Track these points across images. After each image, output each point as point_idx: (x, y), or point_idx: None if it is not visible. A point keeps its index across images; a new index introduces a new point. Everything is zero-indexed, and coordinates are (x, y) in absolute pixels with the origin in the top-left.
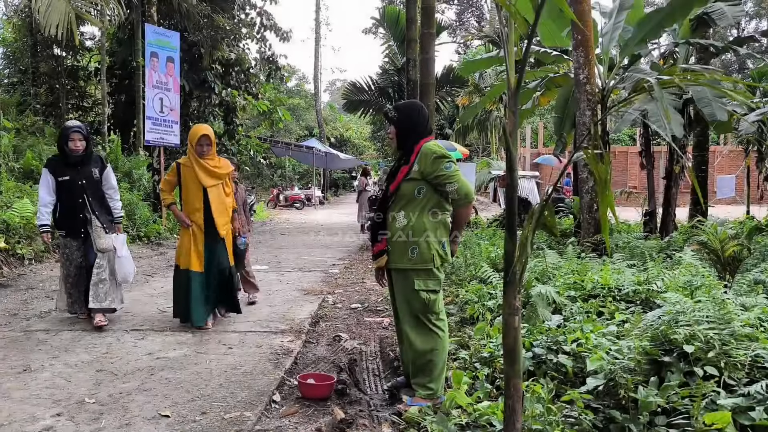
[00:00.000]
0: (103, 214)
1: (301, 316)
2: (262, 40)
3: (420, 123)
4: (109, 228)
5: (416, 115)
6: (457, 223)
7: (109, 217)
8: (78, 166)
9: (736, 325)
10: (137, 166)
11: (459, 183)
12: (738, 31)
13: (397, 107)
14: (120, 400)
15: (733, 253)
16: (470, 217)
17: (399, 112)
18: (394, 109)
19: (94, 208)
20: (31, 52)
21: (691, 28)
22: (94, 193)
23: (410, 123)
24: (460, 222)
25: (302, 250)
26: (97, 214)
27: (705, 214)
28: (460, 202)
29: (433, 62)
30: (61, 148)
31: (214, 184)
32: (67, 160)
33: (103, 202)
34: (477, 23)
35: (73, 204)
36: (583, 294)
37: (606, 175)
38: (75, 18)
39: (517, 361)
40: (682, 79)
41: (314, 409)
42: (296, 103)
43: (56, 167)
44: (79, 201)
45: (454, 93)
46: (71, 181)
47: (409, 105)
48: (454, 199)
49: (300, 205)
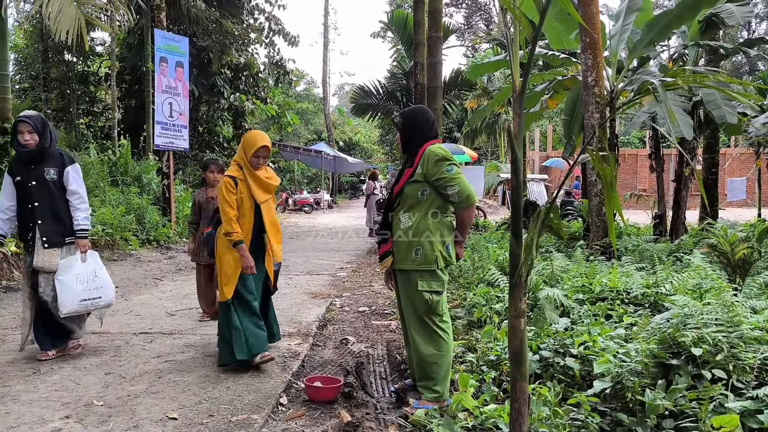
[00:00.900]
0: (50, 223)
1: (309, 320)
2: (270, 45)
3: (424, 126)
4: (52, 242)
5: (420, 120)
6: (460, 225)
7: (57, 228)
8: (30, 164)
9: (745, 328)
10: (147, 170)
11: (459, 186)
12: (748, 33)
13: (402, 114)
14: (128, 402)
15: (744, 256)
16: (474, 220)
17: (404, 118)
18: (400, 115)
19: (38, 216)
20: (42, 58)
21: (700, 29)
22: (44, 198)
23: (414, 127)
24: (464, 225)
25: (310, 253)
26: (40, 223)
27: (715, 217)
28: (461, 205)
29: (441, 65)
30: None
31: (266, 199)
32: (19, 157)
33: (54, 208)
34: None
35: (22, 210)
36: (591, 297)
37: (611, 177)
38: (85, 24)
39: (523, 363)
40: (685, 80)
41: (321, 412)
42: (305, 107)
43: (14, 166)
44: (27, 206)
45: (463, 96)
46: (22, 182)
47: (413, 110)
48: (455, 201)
49: (309, 209)
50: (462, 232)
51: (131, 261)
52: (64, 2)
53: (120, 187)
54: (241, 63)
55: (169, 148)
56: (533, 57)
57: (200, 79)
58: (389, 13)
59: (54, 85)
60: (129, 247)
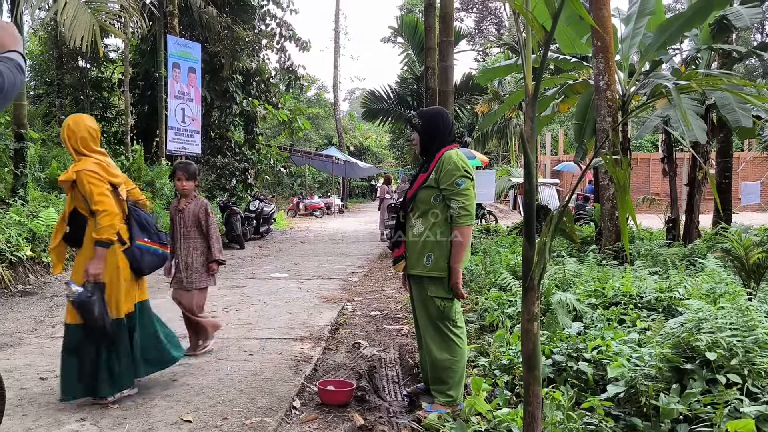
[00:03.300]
0: None
1: (321, 324)
2: (281, 51)
3: (443, 130)
4: None
5: (441, 122)
6: (454, 246)
7: None
8: None
9: (760, 333)
10: (160, 175)
11: (463, 203)
12: (762, 36)
13: (420, 114)
14: (143, 405)
15: (758, 261)
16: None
17: (422, 119)
18: (417, 115)
19: None
20: (57, 65)
21: (711, 32)
22: None
23: (433, 130)
24: (457, 245)
25: (322, 258)
26: None
27: (729, 221)
28: (457, 221)
29: (452, 70)
30: None
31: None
32: None
33: None
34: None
35: None
36: (603, 302)
37: (625, 181)
38: (99, 30)
39: (536, 367)
40: (699, 83)
41: (334, 416)
42: (316, 112)
43: None
44: None
45: (474, 101)
46: None
47: (432, 112)
48: (453, 215)
49: (320, 214)
50: (455, 255)
51: None
52: (78, 9)
53: None
54: (253, 68)
55: (182, 153)
56: (546, 61)
57: (212, 84)
58: (399, 18)
59: (68, 91)
60: None
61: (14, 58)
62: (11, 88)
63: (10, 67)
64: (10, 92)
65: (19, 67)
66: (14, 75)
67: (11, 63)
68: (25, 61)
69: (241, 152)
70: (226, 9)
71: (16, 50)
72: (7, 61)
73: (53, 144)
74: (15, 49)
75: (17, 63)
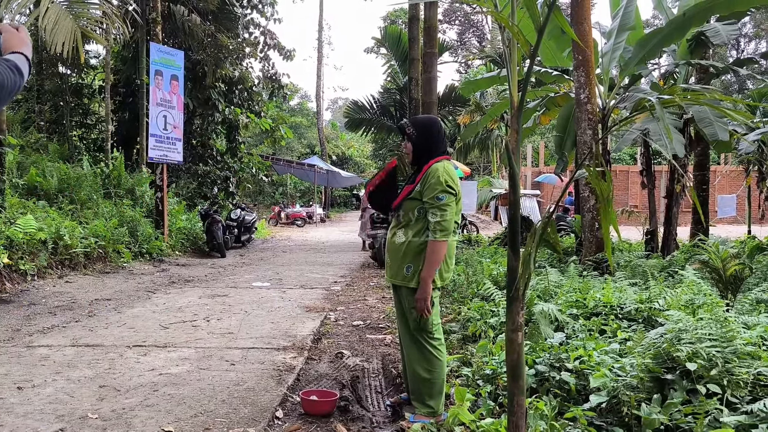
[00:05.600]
0: None
1: (304, 333)
2: (265, 59)
3: (436, 141)
4: None
5: (434, 132)
6: (426, 259)
7: None
8: None
9: (738, 344)
10: (140, 183)
11: (441, 218)
12: (737, 53)
13: (414, 122)
14: (123, 415)
15: (735, 273)
16: (468, 235)
17: (416, 128)
18: (411, 124)
19: None
20: (37, 70)
21: (689, 48)
22: None
23: (426, 140)
24: (429, 257)
25: (304, 267)
26: None
27: (706, 233)
28: (432, 235)
29: (435, 81)
30: None
31: None
32: None
33: None
34: (478, 43)
35: None
36: (585, 312)
37: (608, 193)
38: (81, 36)
39: (520, 377)
40: (682, 98)
41: (317, 426)
42: (298, 121)
43: None
44: None
45: (456, 112)
46: None
47: (426, 120)
48: (429, 229)
49: (301, 223)
50: (426, 267)
51: (124, 273)
52: (60, 15)
53: (113, 200)
54: (236, 77)
55: (163, 161)
56: (531, 73)
57: (195, 92)
58: (383, 29)
59: (48, 97)
60: (121, 259)
61: (14, 59)
62: (3, 90)
63: (7, 68)
64: (3, 94)
65: (17, 69)
66: (9, 77)
67: (9, 64)
68: (29, 65)
69: (223, 160)
70: (210, 17)
71: (23, 53)
72: (4, 62)
73: (32, 150)
74: (21, 51)
75: (15, 65)
